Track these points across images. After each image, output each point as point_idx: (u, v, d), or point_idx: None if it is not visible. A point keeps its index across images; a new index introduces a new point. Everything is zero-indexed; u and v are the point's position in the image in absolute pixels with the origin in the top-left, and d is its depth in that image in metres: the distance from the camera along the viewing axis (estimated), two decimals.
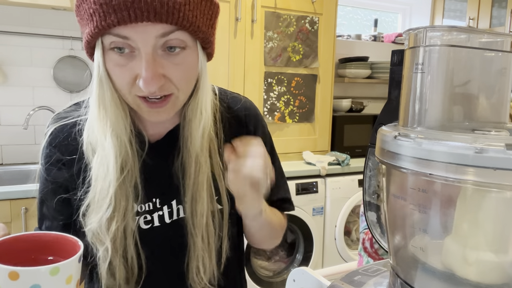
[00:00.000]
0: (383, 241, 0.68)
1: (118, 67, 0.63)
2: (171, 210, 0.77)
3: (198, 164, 0.73)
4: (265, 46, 2.47)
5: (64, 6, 2.11)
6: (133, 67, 0.62)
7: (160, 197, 0.76)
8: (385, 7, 3.59)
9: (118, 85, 0.65)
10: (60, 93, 2.39)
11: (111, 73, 0.65)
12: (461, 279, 0.47)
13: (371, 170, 0.69)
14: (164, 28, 0.61)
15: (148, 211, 0.75)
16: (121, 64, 0.63)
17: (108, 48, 0.63)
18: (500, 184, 0.41)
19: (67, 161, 0.74)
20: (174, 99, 0.67)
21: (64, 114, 0.77)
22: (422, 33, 0.51)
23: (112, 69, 0.64)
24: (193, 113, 0.72)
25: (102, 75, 0.64)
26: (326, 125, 2.75)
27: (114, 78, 0.65)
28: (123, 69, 0.63)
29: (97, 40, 0.63)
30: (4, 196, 1.77)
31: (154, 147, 0.76)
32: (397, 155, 0.49)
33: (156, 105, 0.66)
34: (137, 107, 0.67)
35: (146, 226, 0.76)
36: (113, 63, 0.63)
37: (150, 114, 0.68)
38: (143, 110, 0.67)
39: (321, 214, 2.47)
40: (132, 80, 0.63)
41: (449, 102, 0.52)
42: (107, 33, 0.61)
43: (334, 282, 0.66)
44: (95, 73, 0.65)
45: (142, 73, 0.61)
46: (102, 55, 0.63)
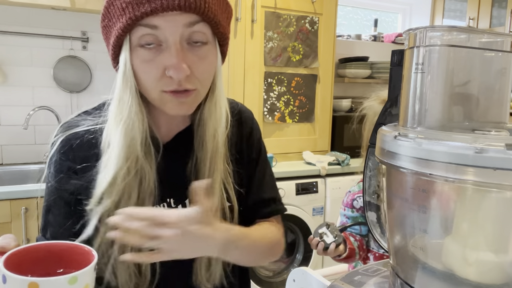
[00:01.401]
0: (383, 241, 0.68)
1: (145, 63, 0.66)
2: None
3: (213, 165, 0.74)
4: (265, 46, 2.47)
5: (64, 6, 2.11)
6: (161, 60, 0.65)
7: (174, 197, 0.77)
8: (385, 7, 3.59)
9: (145, 82, 0.67)
10: (60, 93, 2.39)
11: (138, 70, 0.67)
12: (461, 279, 0.47)
13: (371, 170, 0.69)
14: (191, 18, 0.65)
15: None
16: (149, 59, 0.66)
17: (136, 44, 0.66)
18: (500, 184, 0.41)
19: (78, 169, 0.74)
20: (197, 94, 0.70)
21: (73, 122, 0.77)
22: (422, 33, 0.51)
23: (139, 65, 0.67)
24: (210, 113, 0.74)
25: (129, 73, 0.67)
26: (326, 125, 2.75)
27: (141, 75, 0.67)
28: (150, 64, 0.66)
29: (125, 38, 0.66)
30: (4, 196, 1.77)
31: (166, 148, 0.76)
32: (397, 155, 0.49)
33: (182, 95, 0.68)
34: (161, 102, 0.69)
35: None
36: (141, 59, 0.66)
37: (173, 107, 0.69)
38: (167, 103, 0.69)
39: (321, 214, 2.47)
40: (160, 75, 0.66)
41: (449, 102, 0.52)
42: (138, 24, 0.64)
43: (334, 282, 0.66)
44: (120, 71, 0.68)
45: (171, 61, 0.64)
46: (129, 52, 0.66)
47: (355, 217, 1.30)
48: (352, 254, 1.23)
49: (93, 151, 0.73)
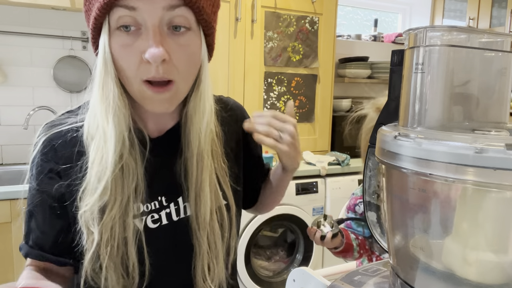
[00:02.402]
0: (383, 241, 0.68)
1: (124, 48, 0.63)
2: (178, 208, 0.76)
3: (201, 162, 0.72)
4: (265, 46, 2.47)
5: (64, 6, 2.11)
6: (139, 45, 0.63)
7: (166, 195, 0.75)
8: (385, 7, 3.59)
9: (124, 68, 0.64)
10: (60, 93, 2.39)
11: (118, 56, 0.64)
12: (461, 279, 0.47)
13: (371, 170, 0.69)
14: (172, 1, 0.62)
15: (155, 209, 0.74)
16: (127, 44, 0.63)
17: (114, 27, 0.63)
18: (500, 184, 0.41)
19: (62, 170, 0.71)
20: (176, 88, 0.67)
21: (56, 121, 0.74)
22: (422, 33, 0.51)
23: (118, 50, 0.64)
24: (194, 109, 0.72)
25: (107, 57, 0.64)
26: (326, 125, 2.75)
27: (120, 61, 0.64)
28: (129, 49, 0.63)
29: (104, 20, 0.63)
30: (4, 196, 1.77)
31: (156, 144, 0.74)
32: (397, 155, 0.49)
33: (160, 89, 0.65)
34: (141, 95, 0.66)
35: (155, 225, 0.74)
36: (119, 44, 0.63)
37: (153, 104, 0.67)
38: (146, 99, 0.66)
39: (321, 214, 2.47)
40: (139, 61, 0.63)
41: (449, 102, 0.52)
42: (116, 5, 0.61)
43: (334, 282, 0.66)
44: (100, 56, 0.65)
45: (148, 43, 0.62)
46: (108, 36, 0.63)
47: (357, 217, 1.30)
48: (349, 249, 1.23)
49: (77, 149, 0.70)
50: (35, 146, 0.73)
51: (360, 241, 1.25)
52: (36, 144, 0.73)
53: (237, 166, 0.83)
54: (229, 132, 0.81)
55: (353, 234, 1.26)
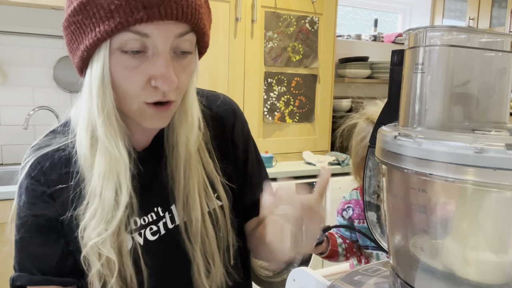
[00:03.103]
0: (383, 241, 0.68)
1: (128, 70, 0.61)
2: (172, 215, 0.75)
3: (188, 170, 0.72)
4: (265, 46, 2.47)
5: None
6: (146, 69, 0.61)
7: (161, 205, 0.75)
8: (385, 7, 3.59)
9: (126, 90, 0.62)
10: (60, 93, 2.39)
11: (119, 77, 0.61)
12: (461, 279, 0.47)
13: (371, 170, 0.69)
14: (183, 28, 0.62)
15: (152, 221, 0.74)
16: (133, 67, 0.61)
17: (117, 48, 0.60)
18: (500, 184, 0.41)
19: (54, 192, 0.69)
20: (175, 105, 0.67)
21: (42, 143, 0.72)
22: (422, 33, 0.51)
23: (120, 72, 0.61)
24: (180, 121, 0.71)
25: (107, 79, 0.61)
26: (326, 125, 2.75)
27: (122, 83, 0.62)
28: (134, 72, 0.61)
29: (104, 42, 0.60)
30: (4, 196, 1.77)
31: (143, 155, 0.74)
32: (397, 155, 0.49)
33: (163, 108, 0.65)
34: (140, 114, 0.65)
35: (154, 237, 0.74)
36: (123, 66, 0.61)
37: (153, 121, 0.66)
38: (146, 116, 0.65)
39: None
40: (144, 84, 0.61)
41: (449, 102, 0.52)
42: (126, 30, 0.59)
43: (334, 282, 0.66)
44: (96, 77, 0.61)
45: (161, 71, 0.60)
46: (108, 57, 0.60)
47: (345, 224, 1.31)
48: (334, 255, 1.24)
49: (67, 170, 0.69)
50: (22, 170, 0.71)
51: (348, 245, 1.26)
52: (23, 168, 0.71)
53: (229, 162, 0.81)
54: (216, 128, 0.80)
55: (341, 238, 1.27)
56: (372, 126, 1.15)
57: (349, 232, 1.27)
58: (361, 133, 1.20)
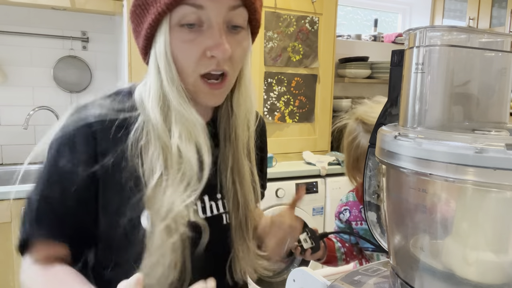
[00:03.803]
0: (383, 241, 0.68)
1: (186, 43, 0.65)
2: (204, 206, 0.75)
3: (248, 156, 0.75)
4: (265, 46, 2.47)
5: (64, 6, 2.11)
6: (201, 42, 0.65)
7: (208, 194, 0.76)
8: (385, 7, 3.59)
9: (184, 62, 0.66)
10: (60, 93, 2.39)
11: (177, 51, 0.66)
12: (461, 279, 0.47)
13: (371, 170, 0.69)
14: (235, 2, 0.65)
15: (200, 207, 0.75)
16: (189, 40, 0.65)
17: (176, 23, 0.64)
18: (500, 184, 0.41)
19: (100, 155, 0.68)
20: (228, 81, 0.70)
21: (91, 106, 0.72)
22: (422, 33, 0.51)
23: (178, 46, 0.65)
24: (239, 103, 0.75)
25: (168, 53, 0.66)
26: (326, 125, 2.75)
27: (179, 56, 0.66)
28: (191, 45, 0.65)
29: (165, 17, 0.64)
30: (4, 196, 1.77)
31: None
32: (397, 155, 0.49)
33: (215, 86, 0.68)
34: (195, 89, 0.68)
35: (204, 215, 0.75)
36: (180, 40, 0.65)
37: (207, 97, 0.69)
38: (201, 92, 0.69)
39: (321, 214, 2.47)
40: (199, 56, 0.65)
41: (449, 102, 0.52)
42: (183, 2, 0.63)
43: (334, 282, 0.66)
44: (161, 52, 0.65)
45: (215, 41, 0.64)
46: (168, 33, 0.65)
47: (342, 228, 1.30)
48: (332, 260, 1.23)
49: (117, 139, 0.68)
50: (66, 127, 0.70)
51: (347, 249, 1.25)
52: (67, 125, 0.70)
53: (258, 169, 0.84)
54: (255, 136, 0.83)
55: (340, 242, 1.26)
56: (362, 126, 1.14)
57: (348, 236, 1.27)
58: (352, 133, 1.19)
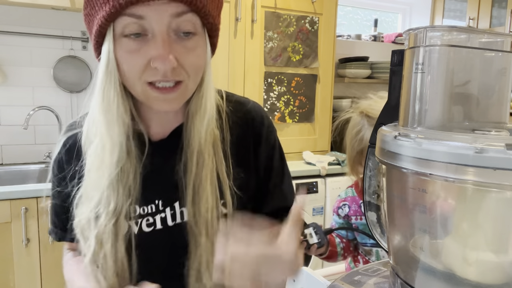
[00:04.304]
0: (383, 241, 0.68)
1: (130, 53, 0.64)
2: (174, 213, 0.75)
3: (201, 158, 0.72)
4: (265, 46, 2.47)
5: (64, 6, 2.11)
6: (146, 51, 0.63)
7: (163, 199, 0.75)
8: (385, 7, 3.59)
9: (129, 73, 0.65)
10: (60, 93, 2.39)
11: (122, 61, 0.64)
12: (461, 279, 0.47)
13: (371, 170, 0.69)
14: (178, 8, 0.62)
15: (150, 213, 0.74)
16: (133, 50, 0.63)
17: (119, 34, 0.63)
18: (500, 184, 0.41)
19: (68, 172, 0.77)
20: (184, 87, 0.67)
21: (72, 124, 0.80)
22: (422, 33, 0.51)
23: (123, 56, 0.64)
24: (196, 108, 0.72)
25: (112, 64, 0.64)
26: (326, 125, 2.75)
27: (124, 66, 0.64)
28: (135, 55, 0.63)
29: (108, 27, 0.63)
30: (4, 196, 1.77)
31: (158, 146, 0.74)
32: (397, 155, 0.49)
33: (167, 91, 0.66)
34: (145, 96, 0.67)
35: (149, 228, 0.74)
36: (125, 50, 0.64)
37: (160, 103, 0.67)
38: (152, 99, 0.67)
39: (321, 214, 2.47)
40: (144, 66, 0.64)
41: (449, 102, 0.52)
42: (122, 14, 0.61)
43: (334, 282, 0.66)
44: (102, 63, 0.65)
45: (157, 52, 0.62)
46: (113, 42, 0.63)
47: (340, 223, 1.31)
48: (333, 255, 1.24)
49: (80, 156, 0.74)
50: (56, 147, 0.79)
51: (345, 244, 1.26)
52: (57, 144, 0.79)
53: (244, 172, 0.78)
54: (238, 134, 0.78)
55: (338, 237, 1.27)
56: (366, 119, 1.14)
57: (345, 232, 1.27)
58: (355, 127, 1.19)
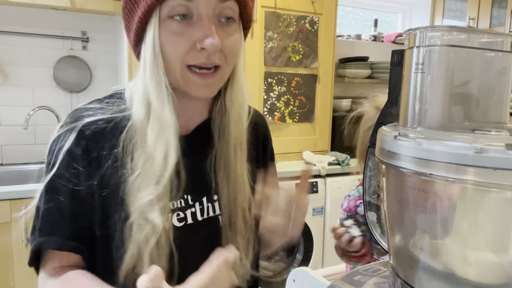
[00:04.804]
0: (383, 241, 0.68)
1: (175, 36, 0.65)
2: (202, 208, 0.75)
3: (239, 153, 0.73)
4: (265, 46, 2.47)
5: (64, 6, 2.11)
6: (192, 33, 0.65)
7: (192, 194, 0.75)
8: (385, 7, 3.59)
9: (172, 55, 0.66)
10: (60, 93, 2.39)
11: (166, 44, 0.66)
12: (461, 279, 0.47)
13: (371, 170, 0.69)
14: None
15: (180, 208, 0.74)
16: (179, 32, 0.65)
17: (165, 16, 0.65)
18: (500, 184, 0.41)
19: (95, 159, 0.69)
20: (221, 73, 0.69)
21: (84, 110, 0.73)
22: (422, 33, 0.51)
23: (167, 38, 0.65)
24: (232, 100, 0.74)
25: (157, 46, 0.66)
26: (326, 125, 2.75)
27: (168, 49, 0.66)
28: (180, 37, 0.65)
29: (155, 10, 0.64)
30: (4, 196, 1.77)
31: (184, 141, 0.73)
32: (397, 155, 0.49)
33: (207, 76, 0.68)
34: (184, 81, 0.68)
35: (180, 223, 0.74)
36: (170, 32, 0.65)
37: (198, 88, 0.68)
38: (191, 83, 0.68)
39: (321, 214, 2.47)
40: (188, 48, 0.65)
41: (449, 102, 0.52)
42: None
43: (334, 282, 0.66)
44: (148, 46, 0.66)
45: (205, 32, 0.64)
46: (158, 25, 0.65)
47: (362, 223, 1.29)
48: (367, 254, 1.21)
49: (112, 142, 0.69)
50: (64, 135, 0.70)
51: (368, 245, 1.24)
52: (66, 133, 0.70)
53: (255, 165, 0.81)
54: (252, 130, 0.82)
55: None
56: None
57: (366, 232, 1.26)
58: (369, 121, 1.19)
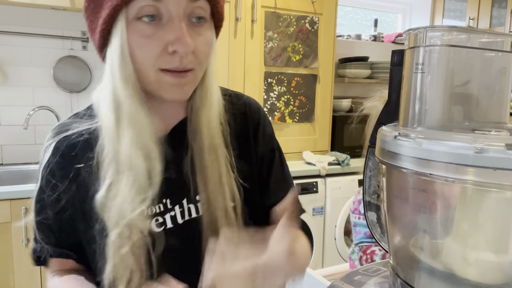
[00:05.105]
0: (383, 241, 0.68)
1: (145, 38, 0.62)
2: (183, 210, 0.74)
3: (214, 154, 0.71)
4: (265, 46, 2.47)
5: (64, 6, 2.11)
6: (162, 36, 0.62)
7: (171, 197, 0.73)
8: (385, 7, 3.59)
9: (142, 59, 0.63)
10: (60, 93, 2.39)
11: (136, 47, 0.63)
12: (461, 279, 0.47)
13: (371, 170, 0.69)
14: None
15: (159, 212, 0.72)
16: (149, 34, 0.62)
17: (133, 18, 0.62)
18: (500, 184, 0.41)
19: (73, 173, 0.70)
20: (194, 75, 0.67)
21: (64, 125, 0.74)
22: (422, 33, 0.51)
23: (137, 42, 0.62)
24: (201, 101, 0.71)
25: (125, 50, 0.63)
26: (326, 125, 2.75)
27: (138, 53, 0.63)
28: (150, 40, 0.62)
29: (121, 11, 0.61)
30: (4, 196, 1.77)
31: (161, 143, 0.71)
32: (397, 155, 0.49)
33: (181, 75, 0.65)
34: (158, 83, 0.65)
35: (159, 228, 0.72)
36: (139, 35, 0.62)
37: (173, 89, 0.66)
38: (165, 85, 0.65)
39: (321, 214, 2.47)
40: (160, 51, 0.62)
41: (449, 102, 0.52)
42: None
43: (334, 282, 0.66)
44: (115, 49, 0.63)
45: (176, 35, 0.62)
46: (125, 27, 0.62)
47: None
48: None
49: (87, 153, 0.69)
50: (44, 153, 0.73)
51: None
52: (45, 151, 0.73)
53: (246, 162, 0.78)
54: (238, 125, 0.79)
55: None
56: None
57: None
58: None
